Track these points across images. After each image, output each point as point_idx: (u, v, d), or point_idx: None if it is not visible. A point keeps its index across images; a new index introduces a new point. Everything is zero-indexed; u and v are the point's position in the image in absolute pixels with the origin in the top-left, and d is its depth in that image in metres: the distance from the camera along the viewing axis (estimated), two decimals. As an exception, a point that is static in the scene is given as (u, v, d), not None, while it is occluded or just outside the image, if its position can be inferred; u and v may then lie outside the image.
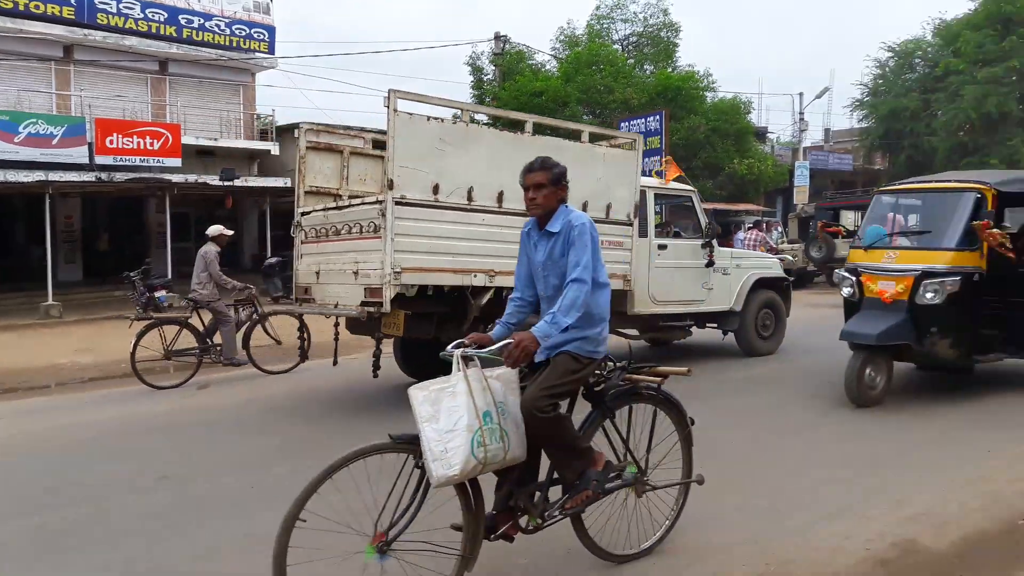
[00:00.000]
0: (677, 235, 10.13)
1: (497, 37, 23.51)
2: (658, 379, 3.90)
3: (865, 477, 5.28)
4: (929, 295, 6.94)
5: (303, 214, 8.27)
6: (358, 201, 7.49)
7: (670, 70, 24.11)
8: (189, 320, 9.21)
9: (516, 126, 8.34)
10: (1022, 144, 29.09)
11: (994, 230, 6.99)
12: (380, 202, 6.73)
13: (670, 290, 9.33)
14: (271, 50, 23.30)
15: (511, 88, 21.88)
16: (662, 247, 9.32)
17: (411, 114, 6.72)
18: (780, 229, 24.72)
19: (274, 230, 19.98)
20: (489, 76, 24.32)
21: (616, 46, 26.43)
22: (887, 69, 34.80)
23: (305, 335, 9.31)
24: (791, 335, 10.91)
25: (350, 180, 8.72)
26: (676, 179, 10.91)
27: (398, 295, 6.71)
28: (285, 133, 21.70)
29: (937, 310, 6.95)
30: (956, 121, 30.15)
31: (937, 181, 8.26)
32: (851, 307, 7.67)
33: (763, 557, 3.97)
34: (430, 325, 7.20)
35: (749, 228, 20.37)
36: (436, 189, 6.82)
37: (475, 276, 7.10)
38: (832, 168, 34.73)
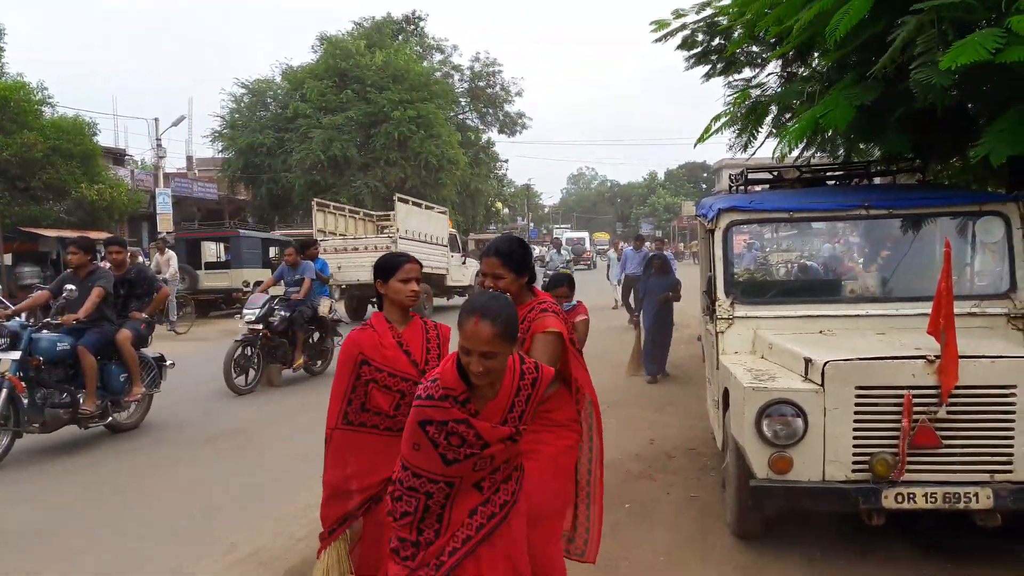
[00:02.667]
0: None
1: None
2: None
3: (204, 527, 5.06)
4: None
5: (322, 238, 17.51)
6: (372, 235, 20.01)
7: (-6, 77, 20.94)
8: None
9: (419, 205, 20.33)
10: (364, 186, 33.21)
11: None
12: (390, 236, 17.79)
13: (459, 274, 21.06)
14: None
15: None
16: (453, 256, 20.89)
17: (403, 204, 18.79)
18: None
19: None
20: None
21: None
22: (242, 104, 36.23)
23: None
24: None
25: (337, 228, 19.50)
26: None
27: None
28: None
29: None
30: (309, 160, 32.90)
31: None
32: None
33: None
34: None
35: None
36: (407, 232, 18.06)
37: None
38: (198, 196, 34.59)
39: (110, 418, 7.46)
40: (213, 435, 7.53)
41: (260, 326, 9.71)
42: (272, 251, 22.54)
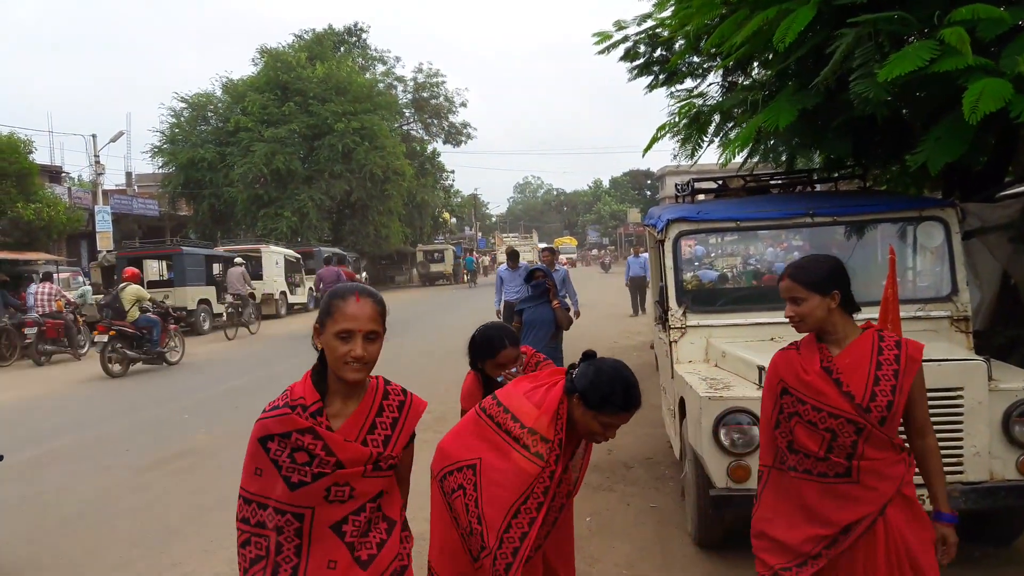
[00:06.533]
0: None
1: None
2: None
3: (160, 552, 4.90)
4: None
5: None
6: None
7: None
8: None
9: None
10: (309, 199, 32.82)
11: None
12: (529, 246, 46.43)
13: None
14: None
15: None
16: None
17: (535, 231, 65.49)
18: (83, 279, 22.69)
19: None
20: None
21: None
22: (182, 119, 35.54)
23: None
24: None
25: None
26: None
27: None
28: None
29: None
30: (251, 174, 32.41)
31: None
32: None
33: None
34: None
35: (42, 280, 17.86)
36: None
37: None
38: (138, 213, 33.75)
39: None
40: (164, 457, 7.33)
41: None
42: (216, 267, 22.03)
